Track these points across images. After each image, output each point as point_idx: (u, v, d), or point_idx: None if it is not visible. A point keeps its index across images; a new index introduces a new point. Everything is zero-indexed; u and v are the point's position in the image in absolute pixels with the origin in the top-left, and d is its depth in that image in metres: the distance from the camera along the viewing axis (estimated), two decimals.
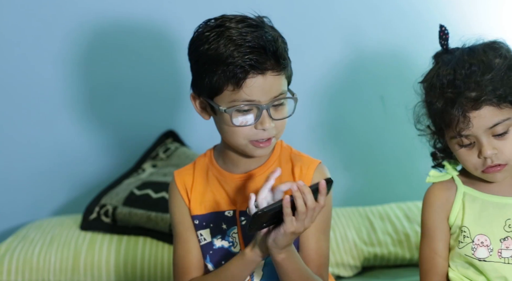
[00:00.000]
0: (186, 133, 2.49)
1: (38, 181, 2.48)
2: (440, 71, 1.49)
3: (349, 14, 2.49)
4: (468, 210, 1.52)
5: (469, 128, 1.44)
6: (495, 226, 1.49)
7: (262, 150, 1.53)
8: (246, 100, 1.48)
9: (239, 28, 1.49)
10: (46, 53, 2.45)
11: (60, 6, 2.43)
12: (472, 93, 1.43)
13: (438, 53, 1.55)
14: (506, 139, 1.45)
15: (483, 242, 1.49)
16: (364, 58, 2.50)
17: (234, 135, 1.51)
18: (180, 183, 1.61)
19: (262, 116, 1.48)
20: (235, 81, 1.46)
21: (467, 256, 1.50)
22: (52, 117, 2.47)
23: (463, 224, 1.51)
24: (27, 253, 2.14)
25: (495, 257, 1.48)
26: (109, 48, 2.46)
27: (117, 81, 2.48)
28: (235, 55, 1.46)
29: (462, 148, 1.48)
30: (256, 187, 1.56)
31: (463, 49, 1.51)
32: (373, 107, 2.51)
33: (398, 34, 2.47)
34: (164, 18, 2.44)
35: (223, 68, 1.47)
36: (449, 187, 1.56)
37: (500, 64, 1.46)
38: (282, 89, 1.50)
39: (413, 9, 2.49)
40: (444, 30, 1.55)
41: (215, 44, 1.48)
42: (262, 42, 1.47)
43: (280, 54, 1.49)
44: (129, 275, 2.13)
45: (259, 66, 1.46)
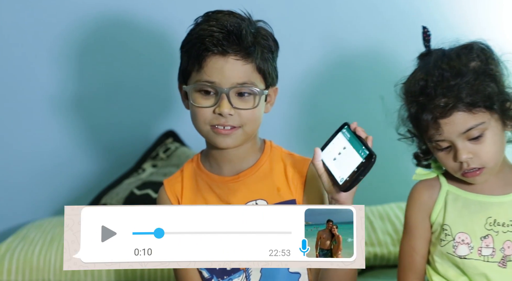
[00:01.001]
0: (186, 133, 2.49)
1: (38, 181, 2.48)
2: (416, 76, 1.51)
3: (349, 14, 2.49)
4: (450, 208, 1.53)
5: (439, 134, 1.45)
6: (476, 224, 1.51)
7: (224, 138, 1.52)
8: (206, 80, 1.50)
9: (219, 16, 1.53)
10: (46, 53, 2.45)
11: (58, 5, 2.44)
12: (442, 100, 1.44)
13: (421, 54, 1.56)
14: (482, 143, 1.46)
15: (464, 240, 1.50)
16: (364, 58, 2.50)
17: (196, 118, 1.53)
18: (170, 192, 1.61)
19: (221, 99, 1.49)
20: (198, 60, 1.50)
21: (449, 254, 1.51)
22: (52, 117, 2.47)
23: (444, 222, 1.53)
24: (27, 253, 2.14)
25: (475, 255, 1.50)
26: (109, 48, 2.47)
27: (117, 81, 2.48)
28: (202, 34, 1.50)
29: (440, 152, 1.50)
30: (248, 188, 1.56)
31: (438, 54, 1.52)
32: (373, 107, 2.51)
33: (398, 34, 2.47)
34: (164, 18, 2.44)
35: (191, 47, 1.52)
36: (433, 185, 1.57)
37: (476, 68, 1.46)
38: (247, 78, 1.51)
39: (413, 9, 2.49)
40: (426, 32, 1.57)
41: (193, 29, 1.55)
42: (230, 27, 1.50)
43: (245, 40, 1.50)
44: (129, 275, 2.13)
45: (220, 47, 1.49)
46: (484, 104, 1.44)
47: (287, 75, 2.42)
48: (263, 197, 1.56)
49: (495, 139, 1.46)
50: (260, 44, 1.54)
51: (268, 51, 1.56)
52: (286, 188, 1.57)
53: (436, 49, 1.54)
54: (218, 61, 1.49)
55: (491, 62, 1.49)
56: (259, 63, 1.52)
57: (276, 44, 1.60)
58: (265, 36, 1.56)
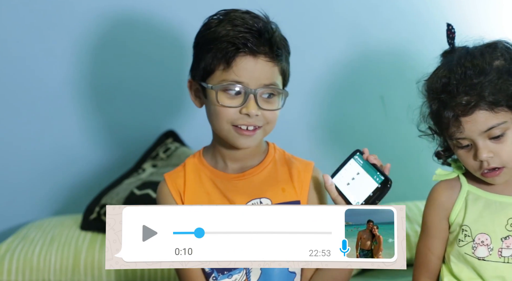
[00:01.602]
0: (186, 133, 2.49)
1: (38, 181, 2.48)
2: (439, 73, 1.49)
3: (349, 14, 2.50)
4: (470, 208, 1.52)
5: (460, 132, 1.45)
6: (497, 224, 1.50)
7: (246, 139, 1.53)
8: (235, 80, 1.50)
9: (242, 14, 1.53)
10: (46, 54, 2.45)
11: (60, 6, 2.44)
12: (464, 98, 1.44)
13: (445, 52, 1.55)
14: (503, 142, 1.45)
15: (484, 241, 1.49)
16: (364, 58, 2.50)
17: (218, 117, 1.52)
18: (172, 186, 1.60)
19: (249, 100, 1.49)
20: (226, 59, 1.48)
21: (467, 254, 1.50)
22: (52, 117, 2.47)
23: (464, 223, 1.52)
24: (27, 253, 2.14)
25: (494, 257, 1.49)
26: (109, 48, 2.47)
27: (117, 81, 2.48)
28: (230, 34, 1.49)
29: (461, 150, 1.49)
30: (253, 186, 1.57)
31: (461, 51, 1.51)
32: (373, 107, 2.51)
33: (398, 34, 2.47)
34: (165, 18, 2.44)
35: (217, 46, 1.49)
36: (453, 185, 1.56)
37: (500, 66, 1.46)
38: (274, 80, 1.52)
39: (413, 9, 2.49)
40: (451, 29, 1.55)
41: (215, 27, 1.52)
42: (259, 27, 1.50)
43: (275, 42, 1.51)
44: (129, 275, 2.13)
45: (251, 47, 1.48)
46: (506, 103, 1.44)
47: None
48: (268, 196, 1.57)
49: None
50: (284, 46, 1.55)
51: (288, 55, 1.58)
52: (291, 189, 1.58)
53: (459, 47, 1.53)
54: (248, 62, 1.49)
55: None
56: (283, 66, 1.54)
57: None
58: (284, 39, 1.57)
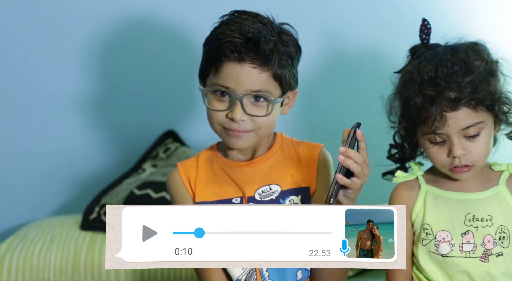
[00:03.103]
0: (186, 133, 2.49)
1: (38, 181, 2.48)
2: (421, 67, 1.50)
3: (349, 14, 2.49)
4: (429, 207, 1.55)
5: (444, 127, 1.46)
6: (456, 221, 1.52)
7: (236, 140, 1.54)
8: (222, 85, 1.51)
9: (242, 19, 1.53)
10: (46, 54, 2.45)
11: (61, 7, 2.44)
12: (452, 93, 1.46)
13: (416, 47, 1.57)
14: (476, 142, 1.48)
15: (445, 238, 1.52)
16: (364, 58, 2.50)
17: (210, 119, 1.55)
18: (183, 174, 1.62)
19: (234, 105, 1.50)
20: (214, 63, 1.51)
21: (431, 252, 1.53)
22: (52, 117, 2.47)
23: (424, 222, 1.54)
24: (27, 253, 2.14)
25: (456, 252, 1.51)
26: (109, 49, 2.47)
27: (117, 81, 2.48)
28: (220, 39, 1.51)
29: (433, 145, 1.51)
30: (262, 173, 1.59)
31: (445, 47, 1.53)
32: (373, 107, 2.51)
33: (398, 34, 2.47)
34: (165, 18, 2.44)
35: (210, 50, 1.53)
36: (412, 186, 1.59)
37: (481, 67, 1.48)
38: (262, 86, 1.52)
39: (413, 9, 2.49)
40: (426, 25, 1.57)
41: (215, 30, 1.55)
42: (249, 33, 1.50)
43: (262, 48, 1.50)
44: (129, 275, 2.13)
45: (237, 53, 1.49)
46: (487, 104, 1.47)
47: None
48: (277, 182, 1.59)
49: (487, 140, 1.50)
50: (279, 51, 1.53)
51: (288, 58, 1.56)
52: (300, 175, 1.60)
53: (435, 44, 1.55)
54: (235, 68, 1.50)
55: (494, 64, 1.52)
56: (275, 70, 1.53)
57: (299, 49, 1.61)
58: (286, 42, 1.56)
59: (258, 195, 1.58)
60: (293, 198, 1.58)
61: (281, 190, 1.58)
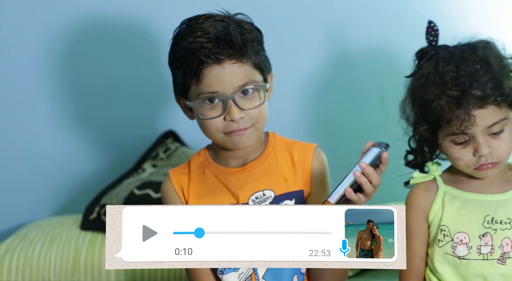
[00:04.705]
0: (186, 133, 2.49)
1: (38, 181, 2.48)
2: (440, 67, 1.48)
3: (349, 14, 2.49)
4: (447, 208, 1.53)
5: (472, 127, 1.44)
6: (474, 222, 1.51)
7: (240, 139, 1.52)
8: (208, 92, 1.49)
9: (200, 23, 1.51)
10: (46, 53, 2.45)
11: (58, 6, 2.44)
12: (478, 91, 1.43)
13: (424, 50, 1.55)
14: (500, 138, 1.47)
15: (462, 240, 1.50)
16: (364, 58, 2.50)
17: (207, 129, 1.53)
18: (176, 183, 1.61)
19: (228, 106, 1.49)
20: (194, 74, 1.49)
21: (447, 254, 1.51)
22: (52, 117, 2.47)
23: (442, 223, 1.53)
24: (27, 253, 2.14)
25: (474, 255, 1.50)
26: (109, 48, 2.47)
27: (117, 81, 2.48)
28: (192, 47, 1.48)
29: (457, 146, 1.49)
30: (255, 179, 1.57)
31: (461, 46, 1.51)
32: (373, 107, 2.51)
33: (398, 34, 2.47)
34: (163, 18, 2.44)
35: (184, 63, 1.50)
36: (430, 187, 1.57)
37: (498, 63, 1.47)
38: (248, 78, 1.51)
39: (413, 9, 2.49)
40: (433, 26, 1.55)
41: (180, 41, 1.52)
42: (218, 33, 1.49)
43: (236, 42, 1.49)
44: (129, 275, 2.13)
45: (213, 56, 1.47)
46: (510, 100, 1.46)
47: (288, 75, 2.43)
48: (271, 188, 1.57)
49: (511, 136, 1.48)
50: (249, 40, 1.53)
51: (257, 43, 1.55)
52: (293, 178, 1.58)
53: (446, 45, 1.53)
54: (216, 71, 1.48)
55: (509, 60, 1.51)
56: (254, 59, 1.52)
57: (260, 32, 1.59)
58: (250, 30, 1.55)
59: (251, 201, 1.56)
60: (287, 202, 1.57)
61: (275, 195, 1.57)
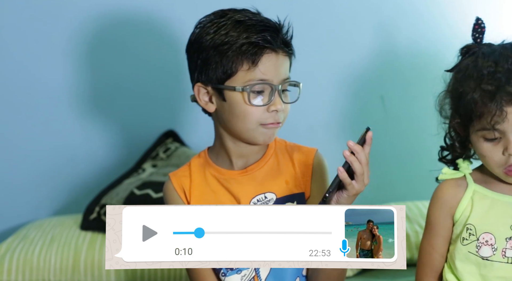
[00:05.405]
0: (186, 133, 2.49)
1: (38, 181, 2.48)
2: (479, 62, 1.48)
3: (349, 14, 2.50)
4: (476, 207, 1.51)
5: (503, 123, 1.43)
6: (502, 224, 1.49)
7: (273, 131, 1.54)
8: (261, 79, 1.50)
9: (244, 14, 1.54)
10: (46, 54, 2.45)
11: (60, 5, 2.44)
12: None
13: (469, 46, 1.54)
14: None
15: (488, 241, 1.48)
16: (364, 58, 2.50)
17: (246, 118, 1.51)
18: (177, 185, 1.60)
19: (275, 96, 1.51)
20: (251, 58, 1.49)
21: (470, 253, 1.50)
22: (52, 117, 2.47)
23: (468, 222, 1.51)
24: (27, 253, 2.14)
25: (498, 257, 1.48)
26: (109, 48, 2.47)
27: (117, 81, 2.48)
28: (249, 34, 1.50)
29: (487, 143, 1.47)
30: (256, 182, 1.57)
31: (504, 45, 1.51)
32: (373, 107, 2.51)
33: (398, 34, 2.47)
34: (165, 18, 2.44)
35: (237, 48, 1.49)
36: (459, 184, 1.55)
37: None
38: (288, 74, 1.55)
39: (413, 9, 2.49)
40: (480, 23, 1.55)
41: (223, 30, 1.52)
42: (272, 23, 1.53)
43: (290, 36, 1.55)
44: (129, 275, 2.13)
45: (274, 43, 1.50)
46: None
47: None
48: (272, 190, 1.57)
49: None
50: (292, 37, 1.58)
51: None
52: (294, 181, 1.58)
53: (491, 43, 1.53)
54: (272, 58, 1.50)
55: None
56: (291, 57, 1.57)
57: None
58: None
59: (253, 204, 1.55)
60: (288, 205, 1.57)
61: (276, 198, 1.57)
